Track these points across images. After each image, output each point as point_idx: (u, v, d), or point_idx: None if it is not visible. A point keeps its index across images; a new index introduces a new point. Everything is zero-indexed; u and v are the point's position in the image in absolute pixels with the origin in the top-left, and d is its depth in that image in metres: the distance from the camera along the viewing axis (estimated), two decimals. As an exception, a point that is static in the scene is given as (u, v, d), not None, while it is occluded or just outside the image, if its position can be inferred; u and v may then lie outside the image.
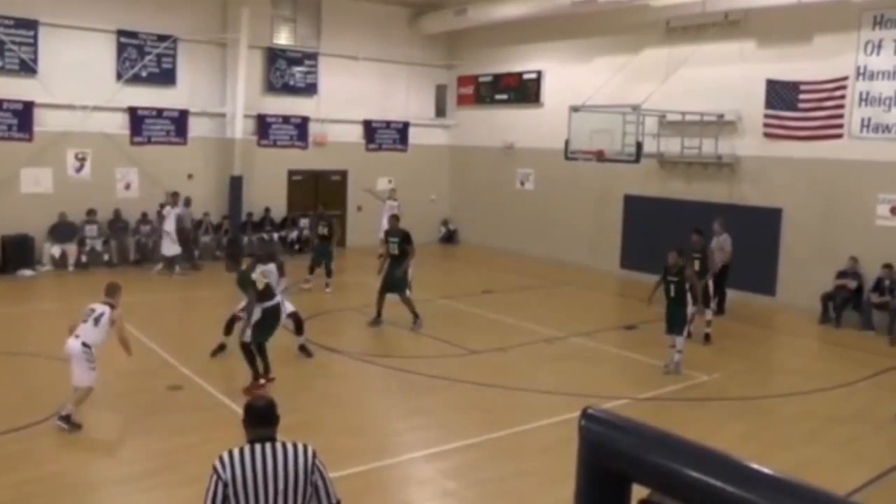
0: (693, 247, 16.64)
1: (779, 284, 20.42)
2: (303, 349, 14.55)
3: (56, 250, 22.36)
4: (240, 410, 11.35)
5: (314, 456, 5.15)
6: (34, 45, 22.19)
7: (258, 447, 5.08)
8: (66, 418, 10.66)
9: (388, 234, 17.84)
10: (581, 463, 2.57)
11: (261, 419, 5.24)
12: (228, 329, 14.18)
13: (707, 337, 16.33)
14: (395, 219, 18.04)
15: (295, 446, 5.14)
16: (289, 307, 14.15)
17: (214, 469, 5.03)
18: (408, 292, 17.21)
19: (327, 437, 10.74)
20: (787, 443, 11.09)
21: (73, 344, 10.92)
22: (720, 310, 18.92)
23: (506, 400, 12.66)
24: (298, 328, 14.54)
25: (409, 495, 9.64)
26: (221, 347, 14.33)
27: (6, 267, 21.59)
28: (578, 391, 12.86)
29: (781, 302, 20.19)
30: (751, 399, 13.07)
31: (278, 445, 5.12)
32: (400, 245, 17.14)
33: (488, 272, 23.96)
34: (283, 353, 14.99)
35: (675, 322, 14.24)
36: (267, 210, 26.06)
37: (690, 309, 14.44)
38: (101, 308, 11.34)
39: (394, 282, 17.02)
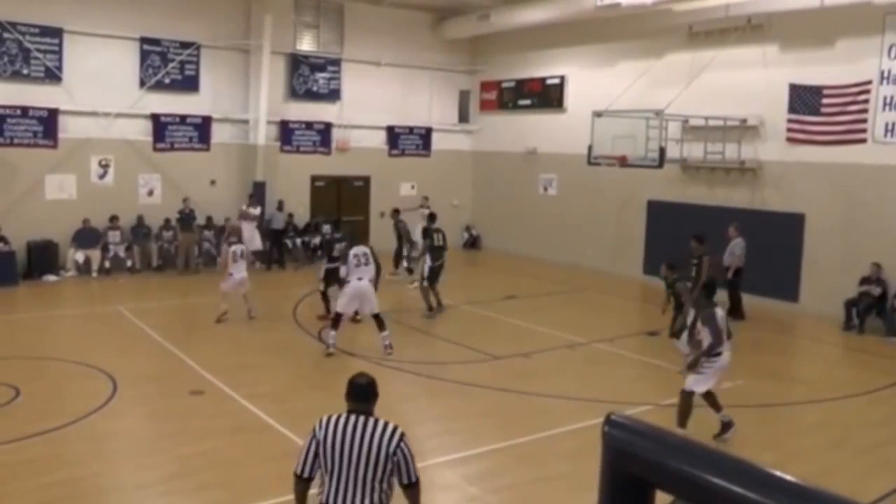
0: (692, 253, 16.75)
1: (801, 290, 20.30)
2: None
3: (80, 256, 22.51)
4: (262, 416, 11.52)
5: (400, 439, 5.58)
6: (59, 52, 22.38)
7: (352, 417, 5.64)
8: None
9: None
10: (604, 469, 2.57)
11: (359, 394, 5.77)
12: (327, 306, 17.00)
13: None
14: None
15: (385, 425, 5.61)
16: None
17: (313, 428, 5.66)
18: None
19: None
20: (810, 450, 11.04)
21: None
22: (740, 315, 18.88)
23: (528, 405, 12.66)
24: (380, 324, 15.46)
25: (432, 500, 9.62)
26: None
27: (31, 272, 21.78)
28: (601, 397, 12.83)
29: (804, 308, 20.07)
30: (773, 406, 13.01)
31: (371, 420, 5.63)
32: None
33: (511, 278, 23.93)
34: (310, 359, 15.08)
35: (675, 329, 14.60)
36: (290, 216, 26.10)
37: (689, 317, 14.30)
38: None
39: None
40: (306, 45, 27.06)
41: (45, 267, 21.98)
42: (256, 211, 24.23)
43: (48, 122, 22.27)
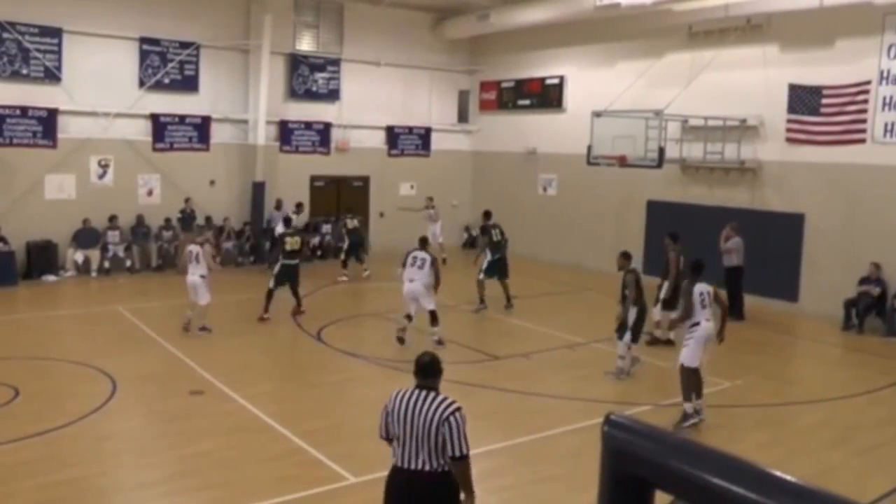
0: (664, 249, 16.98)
1: (801, 290, 20.30)
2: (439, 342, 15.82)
3: (79, 256, 22.50)
4: (261, 416, 11.52)
5: (450, 413, 6.18)
6: (58, 52, 22.37)
7: (415, 391, 6.36)
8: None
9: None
10: (603, 469, 2.57)
11: (421, 371, 6.47)
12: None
13: (667, 340, 16.32)
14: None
15: (443, 400, 6.28)
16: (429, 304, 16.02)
17: (385, 404, 6.45)
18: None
19: (351, 442, 10.77)
20: (809, 450, 11.03)
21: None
22: (740, 316, 18.87)
23: (528, 406, 12.65)
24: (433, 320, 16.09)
25: (430, 501, 9.63)
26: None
27: (30, 272, 21.78)
28: (601, 397, 12.84)
29: (804, 308, 20.07)
30: (773, 406, 13.01)
31: (431, 394, 6.33)
32: None
33: (511, 278, 23.92)
34: (309, 359, 15.08)
35: (619, 326, 14.31)
36: (286, 217, 26.06)
37: (631, 314, 14.14)
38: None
39: None
40: (306, 45, 27.04)
41: (44, 267, 21.98)
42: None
43: (48, 122, 22.27)
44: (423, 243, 16.95)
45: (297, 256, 17.99)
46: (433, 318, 15.91)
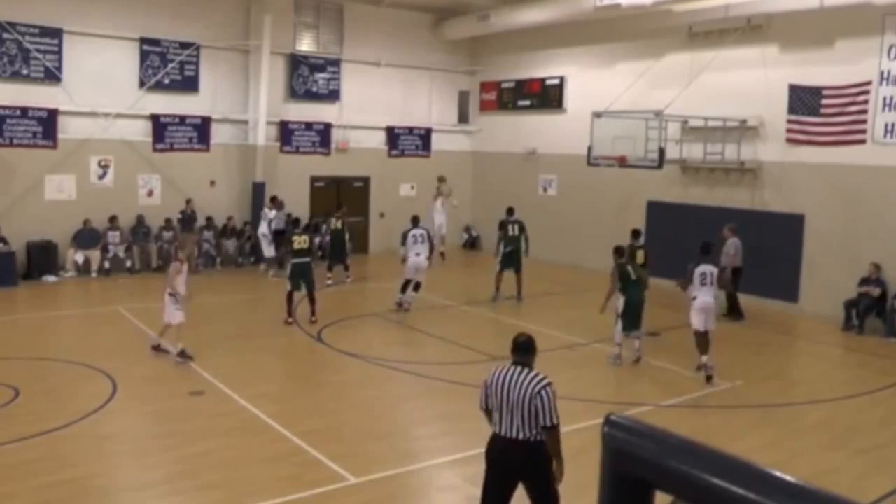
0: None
1: (801, 291, 20.29)
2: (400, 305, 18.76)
3: (79, 256, 22.49)
4: (261, 416, 11.53)
5: (542, 387, 6.96)
6: (58, 53, 22.36)
7: (511, 367, 7.21)
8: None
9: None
10: (604, 470, 2.56)
11: (518, 349, 7.35)
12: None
13: None
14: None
15: (535, 375, 7.09)
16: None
17: (485, 379, 7.34)
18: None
19: (350, 443, 10.76)
20: (810, 450, 11.03)
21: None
22: (739, 315, 18.87)
23: (527, 406, 12.64)
24: (416, 287, 18.77)
25: (431, 501, 9.64)
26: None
27: (31, 273, 21.76)
28: (601, 398, 12.83)
29: (804, 308, 20.06)
30: (773, 406, 13.00)
31: (525, 370, 7.15)
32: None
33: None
34: (309, 359, 15.07)
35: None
36: (289, 216, 26.02)
37: (619, 302, 14.99)
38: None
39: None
40: (306, 45, 27.02)
41: (44, 267, 21.96)
42: (271, 214, 23.87)
43: (48, 123, 22.26)
44: (417, 221, 18.98)
45: (307, 255, 17.73)
46: (417, 288, 18.63)
